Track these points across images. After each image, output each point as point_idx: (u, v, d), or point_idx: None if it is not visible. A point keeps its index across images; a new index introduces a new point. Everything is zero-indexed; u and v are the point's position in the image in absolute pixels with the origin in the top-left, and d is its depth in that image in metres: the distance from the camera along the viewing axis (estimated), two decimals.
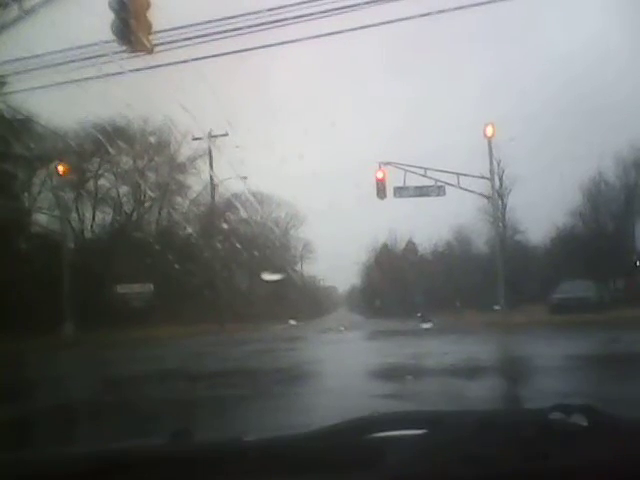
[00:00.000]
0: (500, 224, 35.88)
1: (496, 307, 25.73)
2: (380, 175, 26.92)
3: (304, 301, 48.49)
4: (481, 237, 42.76)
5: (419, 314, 24.65)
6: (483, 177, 29.60)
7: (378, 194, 27.01)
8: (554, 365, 10.87)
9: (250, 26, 15.20)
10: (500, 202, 37.11)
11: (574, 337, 15.86)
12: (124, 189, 36.85)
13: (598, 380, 9.20)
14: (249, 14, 14.63)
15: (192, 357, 16.63)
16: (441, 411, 1.43)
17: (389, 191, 27.37)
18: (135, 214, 37.17)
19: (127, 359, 16.38)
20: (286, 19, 14.60)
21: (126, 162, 35.53)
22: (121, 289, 30.47)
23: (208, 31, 14.97)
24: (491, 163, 29.34)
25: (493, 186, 30.69)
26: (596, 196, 42.18)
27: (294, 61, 37.80)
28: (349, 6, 14.39)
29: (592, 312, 22.79)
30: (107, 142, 28.67)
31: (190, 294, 31.48)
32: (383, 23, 15.71)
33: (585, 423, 1.20)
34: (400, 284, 42.21)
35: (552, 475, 1.11)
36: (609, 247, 34.91)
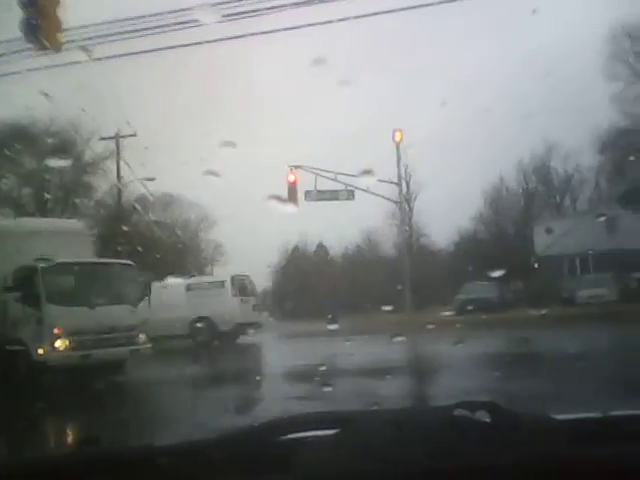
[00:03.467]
0: (407, 228, 36.88)
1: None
2: (292, 178, 27.11)
3: None
4: (389, 240, 43.78)
5: (329, 316, 24.95)
6: (391, 182, 30.35)
7: (290, 197, 27.17)
8: (457, 363, 11.34)
9: (162, 25, 15.07)
10: (407, 206, 38.12)
11: (476, 336, 16.49)
12: (26, 190, 35.47)
13: (500, 377, 9.68)
14: (162, 13, 14.49)
15: None
16: (352, 411, 1.43)
17: (300, 195, 27.63)
18: (37, 215, 35.78)
19: None
20: (198, 20, 14.54)
21: (29, 162, 34.19)
22: None
23: (119, 30, 14.72)
24: (399, 168, 30.14)
25: (400, 191, 31.52)
26: (497, 201, 43.99)
27: (206, 61, 37.44)
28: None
29: (494, 312, 23.82)
30: (9, 142, 27.53)
31: None
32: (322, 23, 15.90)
33: (488, 420, 1.21)
34: (311, 287, 42.53)
35: (459, 473, 1.12)
36: (509, 250, 36.43)
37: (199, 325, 20.30)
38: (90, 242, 15.16)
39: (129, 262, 14.33)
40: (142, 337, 13.13)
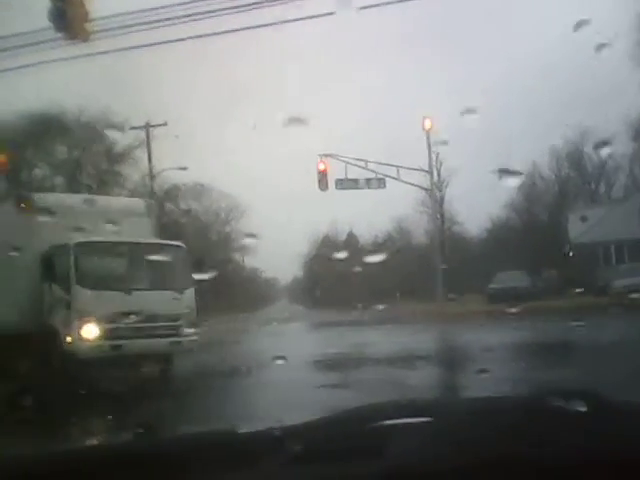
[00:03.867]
0: (438, 216, 36.55)
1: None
2: (322, 167, 27.04)
3: (246, 293, 48.25)
4: (420, 228, 43.51)
5: (359, 305, 24.89)
6: (422, 170, 30.09)
7: (320, 186, 27.14)
8: (490, 353, 11.18)
9: (190, 15, 15.03)
10: (438, 194, 37.77)
11: (509, 326, 16.30)
12: (59, 179, 35.93)
13: (533, 366, 9.53)
14: (190, 2, 14.44)
15: None
16: (442, 399, 1.44)
17: (331, 183, 27.57)
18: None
19: None
20: (236, 7, 14.47)
21: (61, 152, 34.61)
22: None
23: (147, 19, 14.73)
24: (429, 156, 29.84)
25: (431, 179, 31.23)
26: (530, 189, 43.33)
27: (237, 50, 37.51)
28: None
29: (527, 301, 23.46)
30: (40, 132, 27.86)
31: None
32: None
33: (584, 408, 1.20)
34: (341, 276, 42.50)
35: (552, 460, 1.11)
36: (542, 238, 35.93)
37: None
38: (152, 224, 13.21)
39: (178, 243, 12.79)
40: (188, 328, 11.57)
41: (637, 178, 41.84)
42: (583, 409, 1.20)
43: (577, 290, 22.30)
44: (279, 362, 8.01)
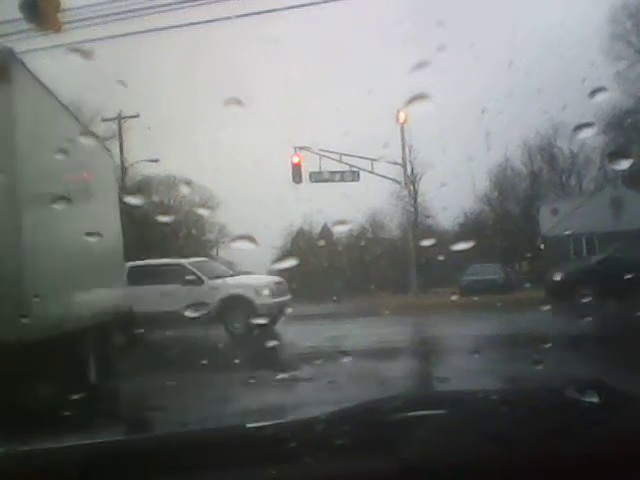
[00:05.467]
0: (412, 209, 36.78)
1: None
2: (296, 160, 27.03)
3: None
4: (394, 222, 43.68)
5: (334, 298, 24.96)
6: (395, 163, 30.20)
7: (294, 179, 27.13)
8: (462, 344, 11.31)
9: (163, 5, 14.95)
10: (412, 187, 37.99)
11: (481, 317, 16.47)
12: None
13: (503, 359, 9.64)
14: None
15: None
16: (459, 391, 1.44)
17: (305, 176, 27.57)
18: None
19: None
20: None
21: None
22: None
23: (118, 9, 14.60)
24: (403, 149, 29.96)
25: (405, 172, 31.38)
26: (502, 181, 43.78)
27: (209, 41, 37.23)
28: None
29: (499, 294, 23.77)
30: None
31: None
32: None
33: (597, 399, 1.22)
34: (315, 269, 42.54)
35: (570, 451, 1.12)
36: (514, 231, 36.36)
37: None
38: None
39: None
40: None
41: (607, 171, 42.48)
42: (595, 400, 1.23)
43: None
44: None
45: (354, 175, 28.78)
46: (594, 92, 2.63)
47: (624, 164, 2.84)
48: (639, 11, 35.93)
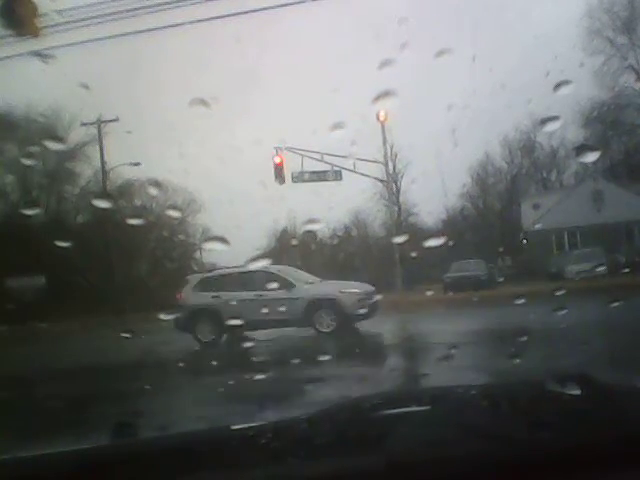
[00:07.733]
0: (395, 207, 36.88)
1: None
2: (278, 160, 26.99)
3: None
4: (377, 220, 43.77)
5: None
6: (377, 161, 30.26)
7: (276, 179, 27.09)
8: (447, 340, 11.36)
9: (141, 7, 14.91)
10: (394, 186, 38.09)
11: (465, 313, 16.58)
12: (9, 178, 35.15)
13: (489, 354, 9.71)
14: None
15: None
16: (442, 387, 1.47)
17: (287, 176, 27.53)
18: (22, 203, 35.50)
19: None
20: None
21: (10, 150, 33.82)
22: (10, 282, 29.04)
23: (98, 13, 14.53)
24: (384, 147, 30.01)
25: (387, 170, 31.45)
26: (483, 178, 44.02)
27: (188, 44, 37.16)
28: None
29: (483, 289, 23.93)
30: None
31: (84, 286, 30.45)
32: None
33: (579, 392, 1.23)
34: (301, 268, 42.57)
35: (552, 443, 1.12)
36: (496, 227, 36.58)
37: None
38: None
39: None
40: None
41: (587, 165, 42.80)
42: (577, 392, 1.24)
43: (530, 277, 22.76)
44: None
45: (337, 174, 28.82)
46: (559, 85, 2.66)
47: (591, 157, 2.89)
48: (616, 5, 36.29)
